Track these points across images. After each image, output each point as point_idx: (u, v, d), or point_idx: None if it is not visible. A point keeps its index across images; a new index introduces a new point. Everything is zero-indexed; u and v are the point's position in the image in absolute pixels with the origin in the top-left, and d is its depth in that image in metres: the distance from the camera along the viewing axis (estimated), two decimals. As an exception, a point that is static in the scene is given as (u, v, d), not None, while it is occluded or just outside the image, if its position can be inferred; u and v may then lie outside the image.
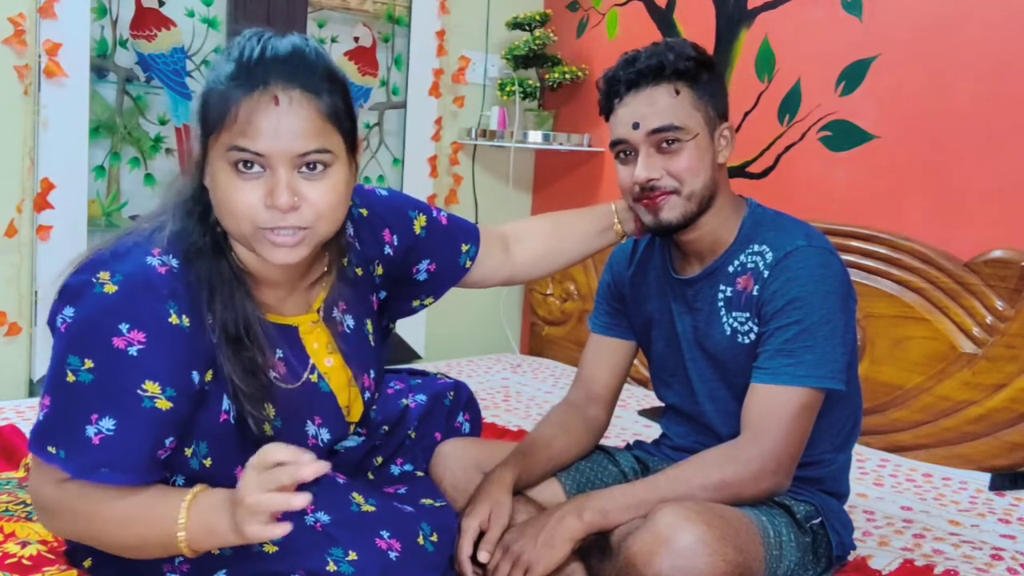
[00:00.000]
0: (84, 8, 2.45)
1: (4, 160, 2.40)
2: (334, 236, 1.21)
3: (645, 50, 1.40)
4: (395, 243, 1.40)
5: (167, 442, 1.11)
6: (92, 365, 1.06)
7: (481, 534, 1.34)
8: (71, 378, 1.07)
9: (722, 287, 1.43)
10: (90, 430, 1.06)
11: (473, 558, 1.33)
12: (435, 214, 1.46)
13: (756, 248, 1.40)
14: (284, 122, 1.08)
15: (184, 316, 1.10)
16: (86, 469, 1.07)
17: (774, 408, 1.32)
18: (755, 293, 1.38)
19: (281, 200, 1.08)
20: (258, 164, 1.09)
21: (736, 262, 1.42)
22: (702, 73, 1.39)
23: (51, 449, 1.08)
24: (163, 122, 2.71)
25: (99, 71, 2.58)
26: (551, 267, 1.59)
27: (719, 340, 1.43)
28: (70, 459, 1.07)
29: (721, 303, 1.43)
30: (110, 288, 1.08)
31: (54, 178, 2.45)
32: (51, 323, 1.13)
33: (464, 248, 1.48)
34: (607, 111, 1.45)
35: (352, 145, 1.17)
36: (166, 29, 2.68)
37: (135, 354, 1.07)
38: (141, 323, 1.08)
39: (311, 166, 1.11)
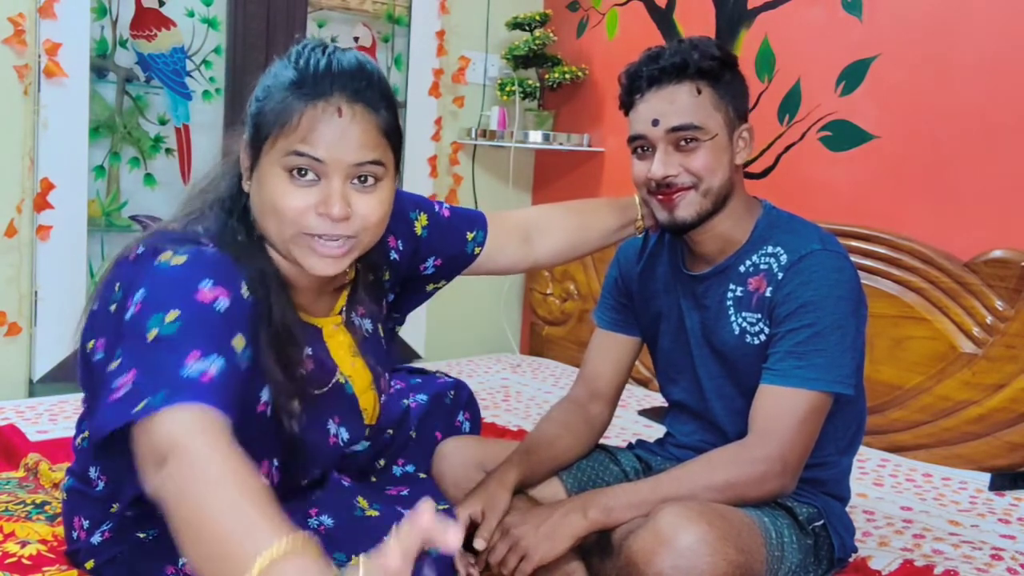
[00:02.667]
0: (84, 8, 2.45)
1: (4, 160, 2.40)
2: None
3: (669, 47, 1.39)
4: (400, 248, 1.40)
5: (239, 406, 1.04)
6: (178, 314, 1.00)
7: (474, 528, 1.35)
8: (152, 335, 0.98)
9: (732, 286, 1.42)
10: (190, 369, 0.94)
11: (469, 548, 1.33)
12: (437, 209, 1.45)
13: (770, 250, 1.40)
14: (346, 132, 1.10)
15: (250, 293, 1.10)
16: (198, 394, 0.93)
17: (782, 410, 1.32)
18: (768, 295, 1.38)
19: (335, 210, 1.10)
20: (313, 172, 1.10)
21: (748, 262, 1.41)
22: (724, 73, 1.38)
23: (140, 406, 0.91)
24: (163, 122, 2.71)
25: (99, 71, 2.58)
26: (571, 259, 1.61)
27: (727, 339, 1.43)
28: (172, 397, 0.91)
29: (730, 302, 1.42)
30: (178, 260, 1.06)
31: (54, 178, 2.45)
32: (100, 327, 1.08)
33: (470, 236, 1.47)
34: (627, 106, 1.43)
35: (397, 166, 1.20)
36: (166, 29, 2.68)
37: (222, 310, 1.03)
38: (222, 282, 1.05)
39: (363, 179, 1.13)
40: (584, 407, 1.57)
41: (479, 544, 1.33)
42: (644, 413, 2.56)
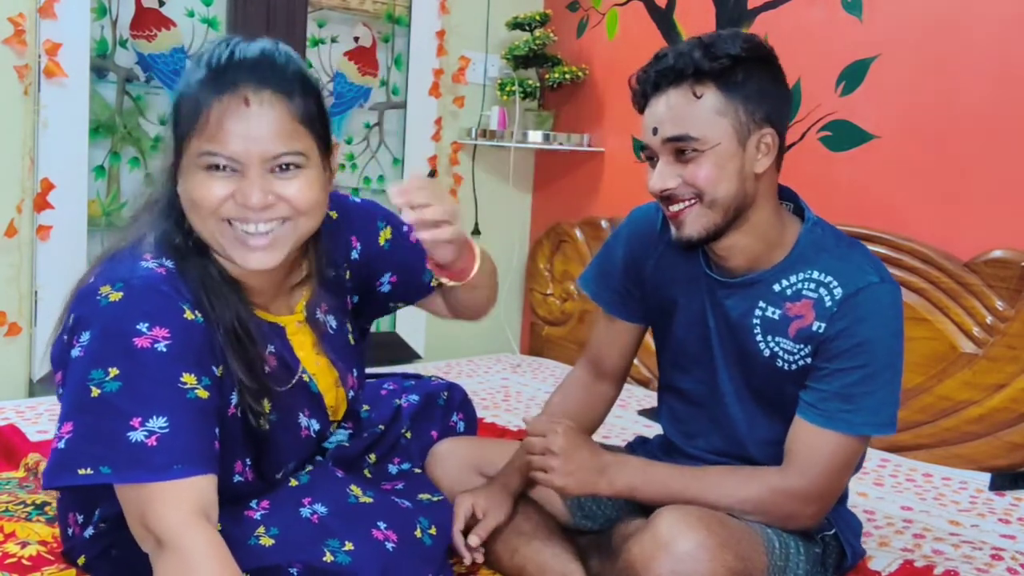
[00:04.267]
0: (84, 8, 2.45)
1: (4, 160, 2.40)
2: (313, 238, 1.22)
3: (681, 44, 1.28)
4: (359, 249, 1.40)
5: (216, 432, 1.09)
6: (118, 372, 1.02)
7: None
8: (95, 392, 1.02)
9: (762, 304, 1.32)
10: (136, 435, 1.01)
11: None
12: (404, 229, 1.43)
13: (817, 276, 1.29)
14: (255, 124, 1.08)
15: (196, 311, 1.10)
16: (155, 470, 1.00)
17: (825, 452, 1.26)
18: (817, 329, 1.27)
19: (252, 199, 1.08)
20: (230, 168, 1.09)
21: (785, 282, 1.31)
22: (735, 73, 1.23)
23: (85, 471, 1.01)
24: (163, 122, 2.70)
25: (99, 71, 2.58)
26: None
27: (755, 357, 1.35)
28: (123, 470, 1.01)
29: (757, 320, 1.33)
30: (115, 296, 1.06)
31: (54, 178, 2.45)
32: (60, 360, 1.10)
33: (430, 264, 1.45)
34: (640, 111, 1.34)
35: (326, 149, 1.17)
36: (166, 29, 2.68)
37: (164, 350, 1.04)
38: (160, 320, 1.06)
39: (284, 167, 1.11)
40: (588, 387, 1.56)
41: (474, 540, 1.35)
42: (644, 413, 2.56)
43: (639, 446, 1.63)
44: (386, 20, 3.15)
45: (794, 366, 1.31)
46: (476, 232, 3.37)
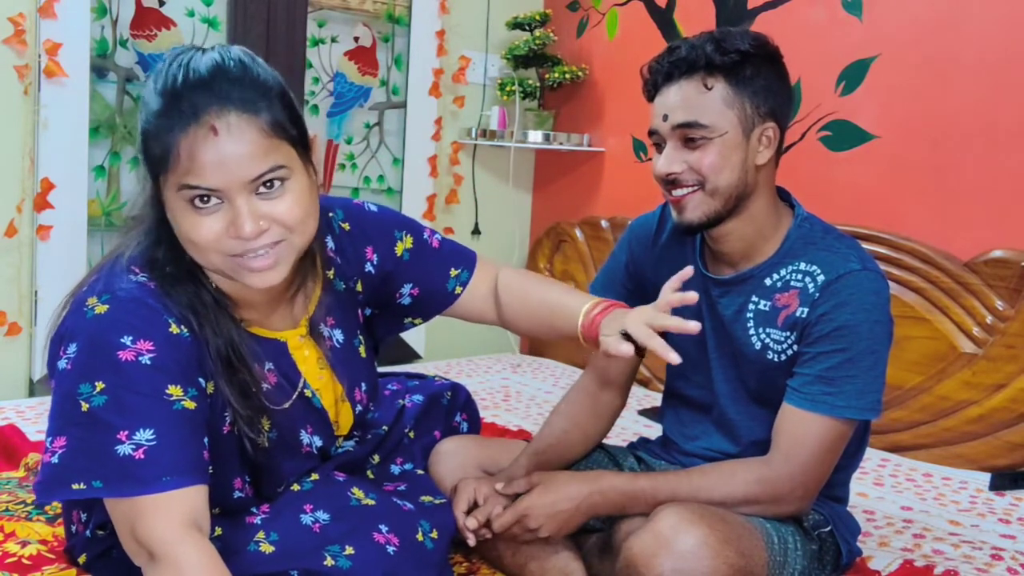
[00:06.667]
0: (84, 8, 2.45)
1: (4, 160, 2.40)
2: (310, 251, 1.20)
3: (693, 38, 1.33)
4: (375, 262, 1.37)
5: (205, 442, 1.09)
6: (104, 386, 1.02)
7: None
8: (85, 407, 1.02)
9: (755, 298, 1.36)
10: (124, 448, 1.01)
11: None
12: (426, 236, 1.41)
13: (803, 266, 1.33)
14: (228, 151, 1.03)
15: (181, 326, 1.09)
16: (144, 483, 1.01)
17: (809, 435, 1.28)
18: (801, 315, 1.31)
19: (245, 230, 1.06)
20: (214, 197, 1.06)
21: (775, 275, 1.35)
22: (744, 68, 1.30)
23: (78, 486, 1.02)
24: (163, 122, 2.70)
25: (99, 71, 2.58)
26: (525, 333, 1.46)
27: (746, 352, 1.38)
28: (114, 484, 1.01)
29: (750, 314, 1.36)
30: (100, 308, 1.06)
31: (54, 178, 2.45)
32: (53, 370, 1.10)
33: (454, 272, 1.42)
34: (650, 99, 1.38)
35: (305, 150, 1.13)
36: (166, 29, 2.68)
37: (148, 363, 1.04)
38: (144, 333, 1.05)
39: (268, 184, 1.07)
40: (594, 396, 1.55)
41: (471, 523, 1.35)
42: (644, 413, 2.56)
43: (640, 446, 1.63)
44: (386, 20, 3.15)
45: (783, 356, 1.34)
46: (476, 232, 3.38)
